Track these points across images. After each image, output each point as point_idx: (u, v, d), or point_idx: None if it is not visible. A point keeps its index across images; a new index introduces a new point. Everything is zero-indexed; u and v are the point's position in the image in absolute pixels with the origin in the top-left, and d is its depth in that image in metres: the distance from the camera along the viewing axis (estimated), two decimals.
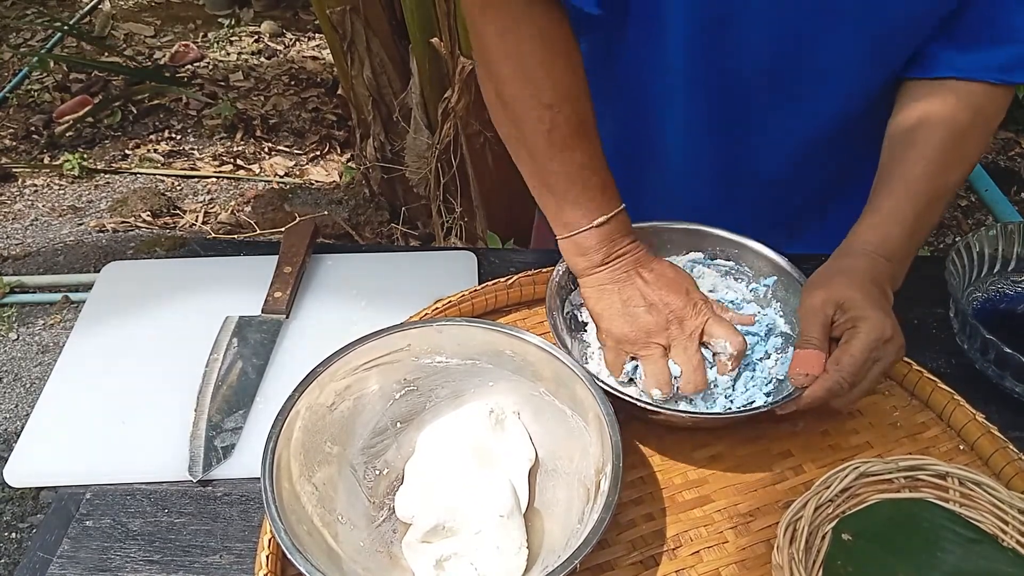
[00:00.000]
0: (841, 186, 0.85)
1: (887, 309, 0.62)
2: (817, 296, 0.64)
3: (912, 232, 0.67)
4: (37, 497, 1.62)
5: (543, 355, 0.61)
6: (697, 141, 0.79)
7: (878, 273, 0.64)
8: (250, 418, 0.69)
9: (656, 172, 0.84)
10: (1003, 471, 0.62)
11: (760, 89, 0.73)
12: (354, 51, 1.78)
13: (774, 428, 0.67)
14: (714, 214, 0.76)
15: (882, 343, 0.60)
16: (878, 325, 0.60)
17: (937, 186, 0.68)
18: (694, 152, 0.81)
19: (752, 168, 0.81)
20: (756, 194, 0.84)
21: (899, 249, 0.66)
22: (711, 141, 0.79)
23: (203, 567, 0.59)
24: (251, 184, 2.44)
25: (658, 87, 0.76)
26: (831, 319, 0.63)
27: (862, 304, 0.61)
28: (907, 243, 0.67)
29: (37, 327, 1.97)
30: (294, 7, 3.29)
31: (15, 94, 2.77)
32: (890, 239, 0.66)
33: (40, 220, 2.30)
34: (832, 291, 0.63)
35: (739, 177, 0.82)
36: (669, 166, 0.83)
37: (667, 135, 0.80)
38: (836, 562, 0.54)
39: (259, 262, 0.83)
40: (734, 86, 0.73)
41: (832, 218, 0.82)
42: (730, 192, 0.83)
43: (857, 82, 0.73)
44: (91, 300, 0.81)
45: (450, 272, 0.83)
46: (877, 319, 0.60)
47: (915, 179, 0.67)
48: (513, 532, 0.56)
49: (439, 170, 1.76)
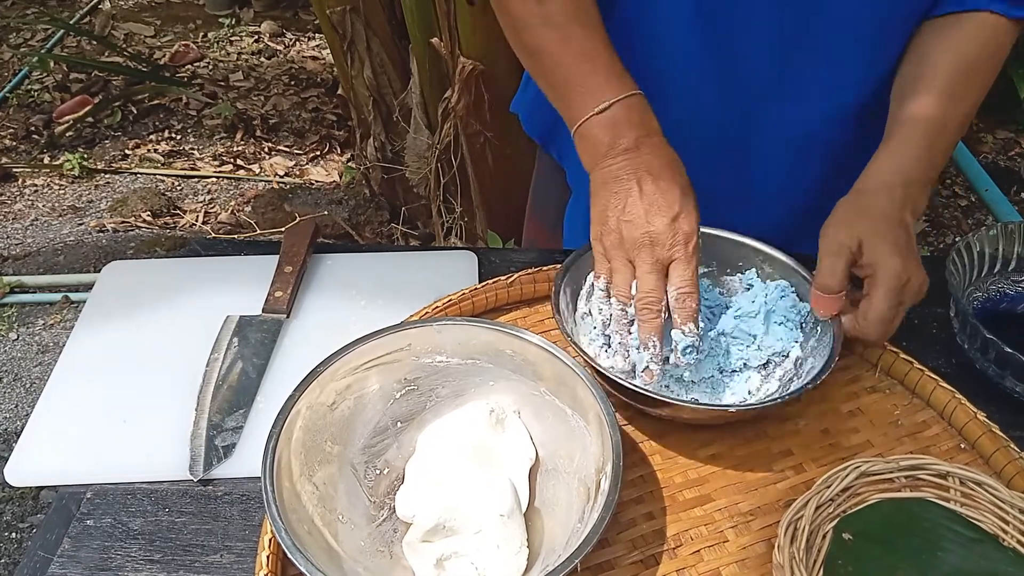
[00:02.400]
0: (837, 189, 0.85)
1: (905, 249, 0.63)
2: (835, 239, 0.64)
3: (928, 157, 0.67)
4: (37, 497, 1.62)
5: (543, 354, 0.61)
6: (699, 131, 0.78)
7: (897, 206, 0.65)
8: (251, 417, 0.69)
9: None
10: (1004, 470, 0.62)
11: (763, 74, 0.73)
12: (354, 51, 1.79)
13: (774, 427, 0.67)
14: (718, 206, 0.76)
15: (903, 287, 0.62)
16: (897, 271, 0.61)
17: (948, 115, 0.68)
18: (697, 137, 0.79)
19: (752, 161, 0.81)
20: (758, 186, 0.83)
21: (915, 173, 0.66)
22: (716, 131, 0.78)
23: (204, 566, 0.59)
24: (251, 184, 2.44)
25: (661, 63, 0.75)
26: (850, 261, 0.63)
27: (880, 248, 0.62)
28: (923, 167, 0.67)
29: (37, 327, 1.97)
30: (294, 7, 3.30)
31: (15, 94, 2.77)
32: (905, 164, 0.66)
33: (40, 220, 2.30)
34: (851, 232, 0.63)
35: (740, 168, 0.82)
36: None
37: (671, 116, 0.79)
38: (837, 561, 0.54)
39: (259, 262, 0.83)
40: (739, 69, 0.73)
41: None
42: (732, 181, 0.83)
43: (858, 68, 0.73)
44: (91, 300, 0.81)
45: (450, 272, 0.83)
46: (894, 265, 0.61)
47: (925, 108, 0.68)
48: (513, 531, 0.56)
49: (439, 170, 1.76)
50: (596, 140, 0.64)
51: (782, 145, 0.80)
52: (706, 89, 0.76)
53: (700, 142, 0.80)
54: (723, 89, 0.76)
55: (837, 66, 0.73)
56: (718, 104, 0.78)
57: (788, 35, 0.71)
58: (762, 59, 0.72)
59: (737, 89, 0.76)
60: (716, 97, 0.77)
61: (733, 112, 0.78)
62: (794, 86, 0.75)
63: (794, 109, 0.77)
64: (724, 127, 0.79)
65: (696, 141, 0.79)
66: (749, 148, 0.81)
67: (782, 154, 0.81)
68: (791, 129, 0.79)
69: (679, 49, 0.73)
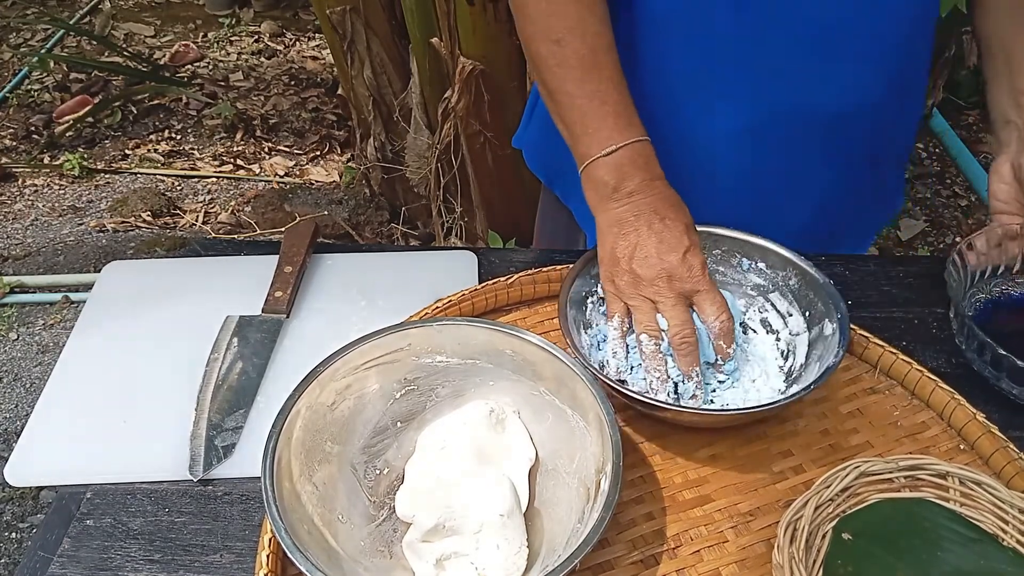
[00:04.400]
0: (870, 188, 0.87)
1: None
2: (1003, 166, 0.74)
3: None
4: (37, 497, 1.62)
5: (543, 354, 0.61)
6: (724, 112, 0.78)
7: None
8: (251, 417, 0.69)
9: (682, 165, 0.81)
10: (1003, 470, 0.62)
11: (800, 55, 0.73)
12: (354, 51, 1.79)
13: (774, 428, 0.67)
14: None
15: None
16: None
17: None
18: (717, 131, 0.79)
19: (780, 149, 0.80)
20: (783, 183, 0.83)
21: None
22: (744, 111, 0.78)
23: (203, 566, 0.59)
24: (251, 184, 2.44)
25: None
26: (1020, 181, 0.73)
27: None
28: None
29: (37, 327, 1.97)
30: (294, 7, 3.30)
31: (15, 94, 2.77)
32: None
33: (40, 220, 2.30)
34: (1011, 157, 0.73)
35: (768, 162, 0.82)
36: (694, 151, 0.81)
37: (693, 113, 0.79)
38: (836, 561, 0.54)
39: (259, 262, 0.83)
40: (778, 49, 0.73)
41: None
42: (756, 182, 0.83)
43: (891, 59, 0.75)
44: (91, 300, 0.81)
45: (450, 272, 0.83)
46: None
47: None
48: (513, 531, 0.56)
49: (439, 170, 1.76)
50: (602, 182, 0.66)
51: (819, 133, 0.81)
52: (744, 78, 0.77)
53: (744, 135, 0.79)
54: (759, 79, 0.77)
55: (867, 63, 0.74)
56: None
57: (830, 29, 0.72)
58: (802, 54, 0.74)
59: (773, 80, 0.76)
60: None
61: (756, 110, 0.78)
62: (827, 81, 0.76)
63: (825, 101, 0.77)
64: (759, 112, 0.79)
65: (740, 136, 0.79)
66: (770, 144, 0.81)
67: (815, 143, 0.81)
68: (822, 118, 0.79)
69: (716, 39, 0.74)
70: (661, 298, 0.64)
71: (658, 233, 0.64)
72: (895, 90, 0.77)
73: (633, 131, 0.67)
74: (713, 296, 0.64)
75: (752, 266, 0.73)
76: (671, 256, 0.64)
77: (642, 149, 0.67)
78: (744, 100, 0.77)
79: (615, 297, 0.66)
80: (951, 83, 2.51)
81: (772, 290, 0.72)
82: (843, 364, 0.70)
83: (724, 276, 0.74)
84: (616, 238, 0.65)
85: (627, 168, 0.66)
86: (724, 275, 0.74)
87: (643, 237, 0.64)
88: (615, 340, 0.66)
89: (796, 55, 0.73)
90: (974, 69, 2.40)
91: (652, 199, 0.65)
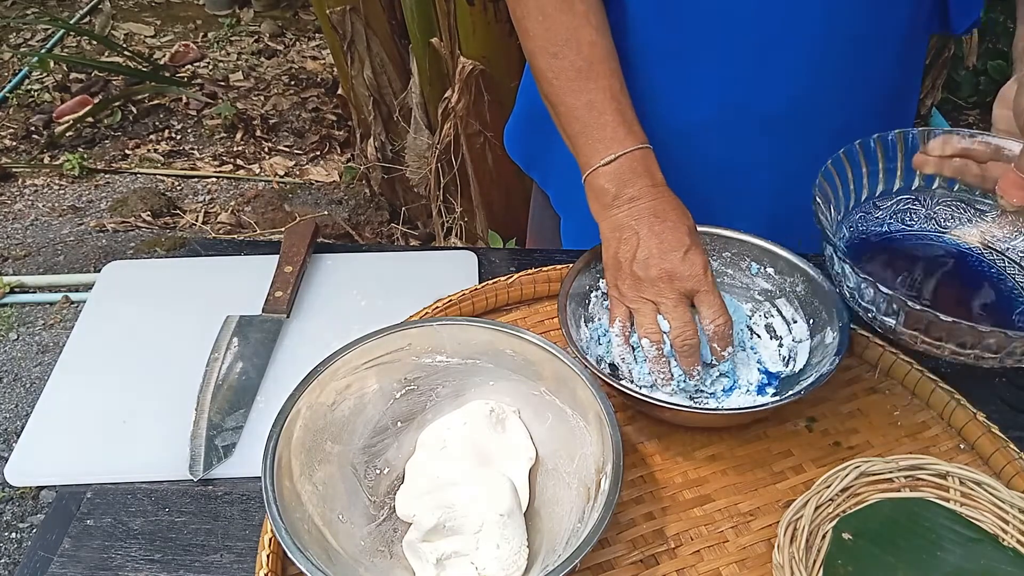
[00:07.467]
0: None
1: None
2: (1008, 90, 0.67)
3: None
4: (37, 497, 1.62)
5: (543, 354, 0.61)
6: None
7: None
8: (251, 417, 0.69)
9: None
10: (1003, 470, 0.62)
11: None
12: (354, 51, 1.79)
13: (774, 428, 0.67)
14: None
15: None
16: None
17: None
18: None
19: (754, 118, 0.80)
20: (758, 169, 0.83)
21: None
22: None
23: (204, 566, 0.59)
24: (251, 184, 2.44)
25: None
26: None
27: None
28: None
29: (37, 327, 1.97)
30: (294, 7, 3.29)
31: (15, 94, 2.77)
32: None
33: (40, 220, 2.30)
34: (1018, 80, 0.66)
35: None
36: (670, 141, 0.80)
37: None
38: (836, 561, 0.54)
39: (259, 262, 0.83)
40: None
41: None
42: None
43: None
44: (91, 300, 0.81)
45: (450, 272, 0.83)
46: None
47: None
48: (514, 531, 0.56)
49: (439, 170, 1.76)
50: (603, 190, 0.67)
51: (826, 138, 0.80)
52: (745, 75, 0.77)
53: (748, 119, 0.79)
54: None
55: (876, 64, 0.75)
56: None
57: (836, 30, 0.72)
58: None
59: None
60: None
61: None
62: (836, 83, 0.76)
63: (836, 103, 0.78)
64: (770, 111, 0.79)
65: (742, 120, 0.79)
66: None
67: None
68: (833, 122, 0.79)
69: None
70: (662, 298, 0.64)
71: (659, 235, 0.64)
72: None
73: (632, 139, 0.67)
74: (712, 298, 0.64)
75: (761, 271, 0.73)
76: (672, 256, 0.64)
77: (642, 156, 0.67)
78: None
79: (618, 301, 0.66)
80: (951, 83, 2.51)
81: (779, 296, 0.72)
82: (843, 364, 0.70)
83: (732, 279, 0.74)
84: (618, 243, 0.66)
85: (627, 175, 0.66)
86: (733, 278, 0.74)
87: (644, 240, 0.64)
88: (620, 346, 0.66)
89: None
90: (974, 69, 2.40)
91: (653, 203, 0.66)
